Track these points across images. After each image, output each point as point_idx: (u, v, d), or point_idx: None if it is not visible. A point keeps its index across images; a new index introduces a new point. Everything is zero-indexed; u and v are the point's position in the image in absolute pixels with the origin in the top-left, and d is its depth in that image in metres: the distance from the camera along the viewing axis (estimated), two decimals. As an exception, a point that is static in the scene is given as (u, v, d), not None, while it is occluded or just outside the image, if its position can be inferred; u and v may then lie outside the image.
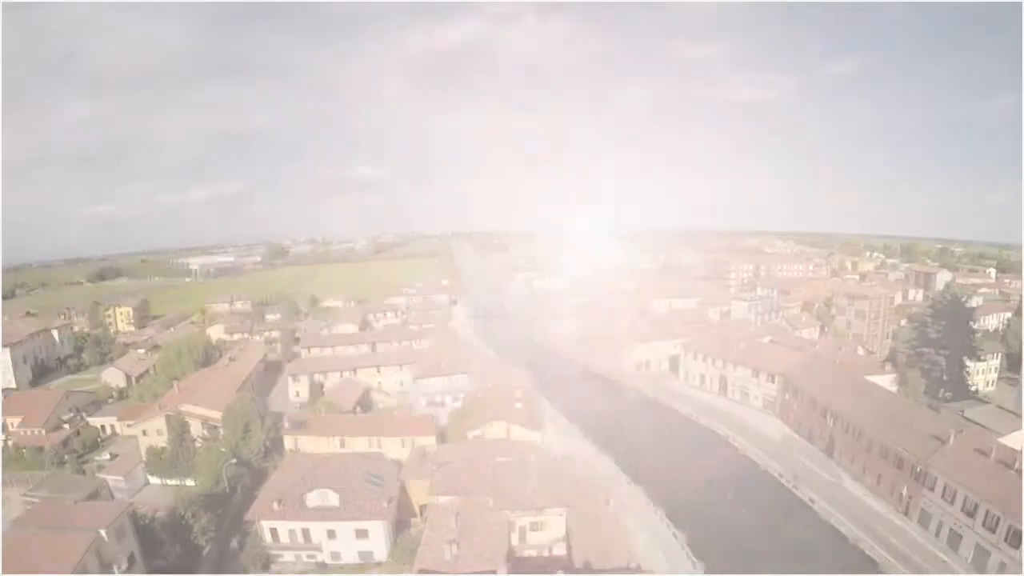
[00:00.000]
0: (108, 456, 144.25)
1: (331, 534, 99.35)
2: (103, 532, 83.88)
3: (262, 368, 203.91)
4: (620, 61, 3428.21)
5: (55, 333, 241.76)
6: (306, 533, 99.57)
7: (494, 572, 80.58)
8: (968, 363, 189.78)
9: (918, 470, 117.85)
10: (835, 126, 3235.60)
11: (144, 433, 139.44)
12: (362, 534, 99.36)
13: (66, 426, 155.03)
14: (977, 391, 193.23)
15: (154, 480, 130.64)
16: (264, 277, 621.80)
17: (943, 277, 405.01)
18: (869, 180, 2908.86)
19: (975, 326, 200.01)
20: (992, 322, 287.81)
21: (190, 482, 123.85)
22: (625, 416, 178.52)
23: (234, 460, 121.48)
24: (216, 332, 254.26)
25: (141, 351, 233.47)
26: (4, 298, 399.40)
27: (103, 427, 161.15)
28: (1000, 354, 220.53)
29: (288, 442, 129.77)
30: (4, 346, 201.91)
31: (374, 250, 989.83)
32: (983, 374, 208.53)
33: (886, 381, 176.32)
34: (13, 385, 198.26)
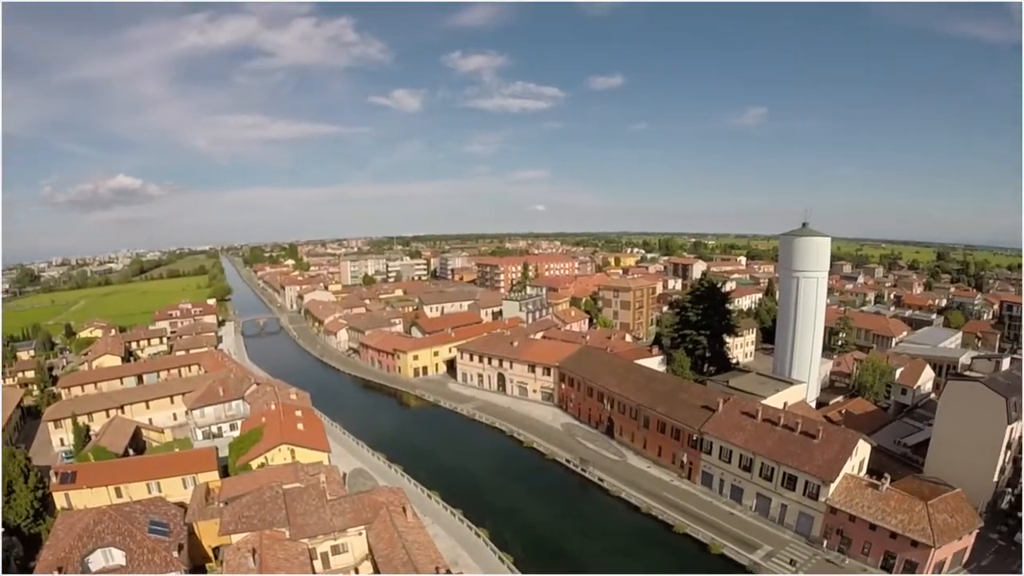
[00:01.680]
0: None
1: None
2: None
3: (19, 416, 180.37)
4: (394, 68, 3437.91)
5: None
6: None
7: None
8: (727, 339, 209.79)
9: (695, 438, 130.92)
10: (603, 134, 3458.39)
11: None
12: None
13: None
14: (738, 362, 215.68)
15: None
16: (12, 307, 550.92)
17: (699, 266, 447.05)
18: (634, 184, 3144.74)
19: (731, 307, 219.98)
20: (745, 302, 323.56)
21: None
22: (409, 423, 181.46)
23: (0, 529, 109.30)
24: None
25: None
26: None
27: None
28: (755, 329, 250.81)
29: (59, 499, 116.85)
30: None
31: (136, 270, 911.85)
32: (741, 347, 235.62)
33: (655, 363, 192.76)
34: None
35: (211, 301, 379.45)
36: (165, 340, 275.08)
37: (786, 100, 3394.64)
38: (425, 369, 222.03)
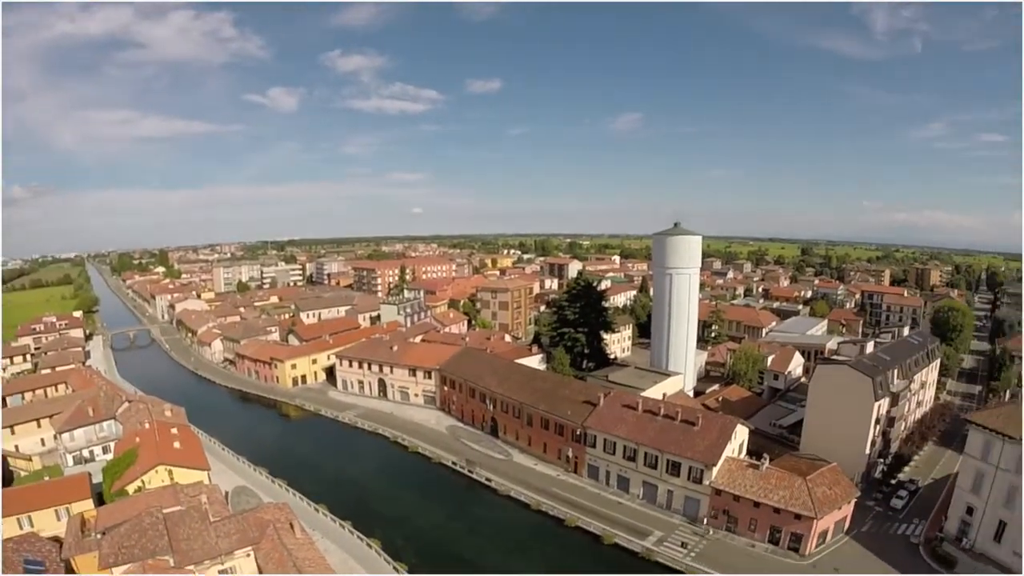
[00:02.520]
0: None
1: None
2: None
3: None
4: (272, 66, 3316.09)
5: None
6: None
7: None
8: (605, 335, 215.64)
9: (578, 433, 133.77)
10: (481, 137, 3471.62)
11: None
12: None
13: None
14: (616, 358, 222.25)
15: None
16: None
17: (575, 266, 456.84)
18: (510, 186, 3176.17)
19: (607, 304, 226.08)
20: (621, 299, 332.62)
21: None
22: (290, 435, 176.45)
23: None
24: None
25: None
26: None
27: None
28: (631, 324, 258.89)
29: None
30: None
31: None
32: (619, 343, 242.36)
33: (535, 361, 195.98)
34: None
35: (77, 313, 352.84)
36: (29, 357, 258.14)
37: (660, 107, 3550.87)
38: (304, 378, 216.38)
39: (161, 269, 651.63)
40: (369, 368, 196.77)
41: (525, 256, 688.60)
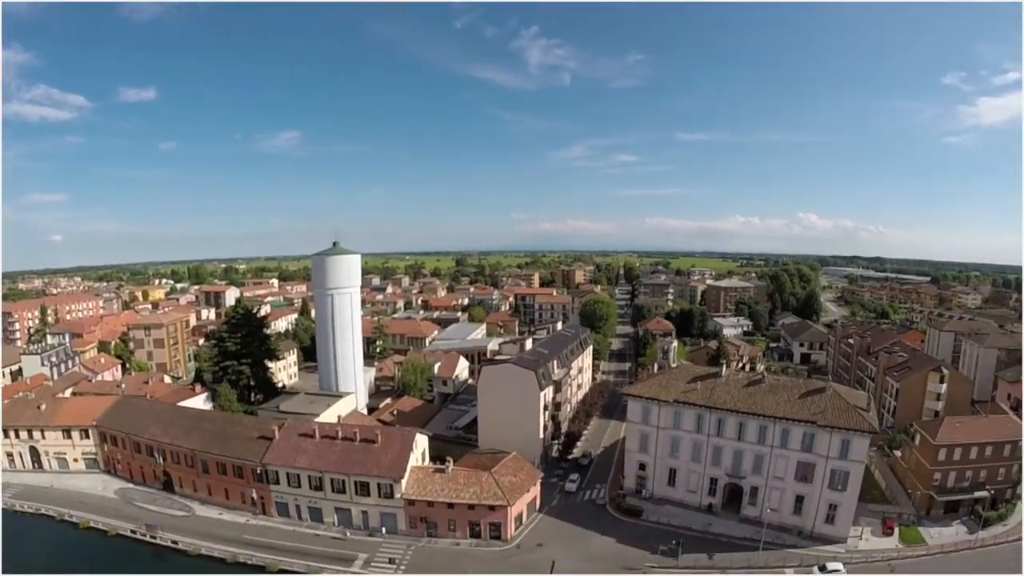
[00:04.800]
0: None
1: None
2: None
3: None
4: None
5: None
6: None
7: None
8: (270, 364, 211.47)
9: (259, 472, 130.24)
10: (131, 152, 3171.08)
11: None
12: None
13: None
14: (284, 386, 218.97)
15: None
16: None
17: (232, 293, 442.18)
18: (161, 208, 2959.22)
19: (269, 331, 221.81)
20: (283, 324, 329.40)
21: None
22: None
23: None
24: None
25: None
26: None
27: None
28: (295, 349, 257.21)
29: None
30: None
31: None
32: (285, 370, 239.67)
33: (199, 401, 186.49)
34: None
35: None
36: None
37: (318, 126, 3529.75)
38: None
39: None
40: (16, 436, 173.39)
41: (178, 285, 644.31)
